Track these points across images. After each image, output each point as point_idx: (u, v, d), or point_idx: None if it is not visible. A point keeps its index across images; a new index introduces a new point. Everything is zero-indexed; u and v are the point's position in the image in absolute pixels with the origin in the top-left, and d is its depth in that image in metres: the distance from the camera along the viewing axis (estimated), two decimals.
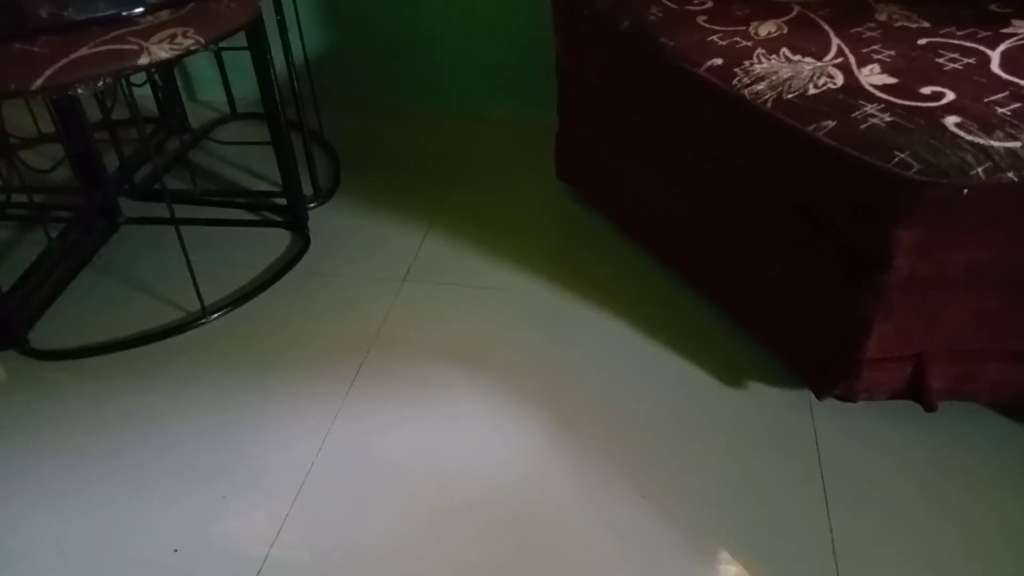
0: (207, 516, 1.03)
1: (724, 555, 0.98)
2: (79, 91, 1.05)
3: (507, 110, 1.87)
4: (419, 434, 1.13)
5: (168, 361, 1.26)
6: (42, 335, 1.32)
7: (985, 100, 0.94)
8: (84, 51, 1.04)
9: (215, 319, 1.34)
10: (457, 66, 1.85)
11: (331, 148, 1.78)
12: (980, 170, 0.87)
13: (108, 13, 1.04)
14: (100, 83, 1.05)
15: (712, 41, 1.13)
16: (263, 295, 1.38)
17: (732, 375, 1.20)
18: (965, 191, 0.87)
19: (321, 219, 1.56)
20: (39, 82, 1.01)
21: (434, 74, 1.87)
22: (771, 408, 1.15)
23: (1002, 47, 1.05)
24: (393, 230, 1.53)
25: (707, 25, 1.17)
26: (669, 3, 1.24)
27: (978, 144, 0.88)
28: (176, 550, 0.99)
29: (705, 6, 1.23)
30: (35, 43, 1.05)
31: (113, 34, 1.07)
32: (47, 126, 1.64)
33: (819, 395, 1.12)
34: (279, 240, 1.51)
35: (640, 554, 0.98)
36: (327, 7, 1.82)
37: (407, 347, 1.27)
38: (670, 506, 1.02)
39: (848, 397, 1.09)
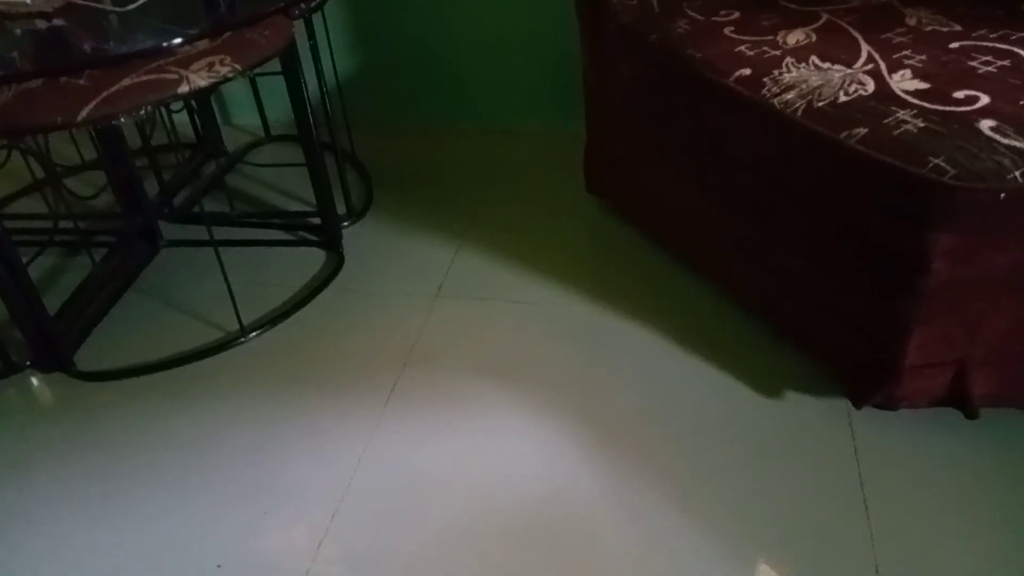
0: (249, 532, 1.05)
1: (763, 567, 0.96)
2: (122, 121, 1.08)
3: (535, 124, 1.88)
4: (455, 448, 1.14)
5: (209, 380, 1.29)
6: (87, 357, 1.36)
7: (1021, 103, 0.93)
8: (126, 82, 1.08)
9: (253, 338, 1.36)
10: (484, 82, 1.87)
11: (363, 167, 1.81)
12: (1017, 173, 0.86)
13: (148, 45, 1.08)
14: (142, 112, 1.08)
15: (740, 52, 1.13)
16: (299, 313, 1.41)
17: (769, 385, 1.19)
18: (1003, 195, 0.86)
19: (355, 237, 1.59)
20: (84, 114, 1.05)
21: (462, 91, 1.89)
22: (809, 418, 1.14)
23: None
24: (425, 246, 1.55)
25: (734, 36, 1.17)
26: (695, 15, 1.25)
27: (1015, 147, 0.87)
28: (219, 566, 1.01)
29: (732, 17, 1.23)
30: (80, 76, 1.08)
31: (153, 64, 1.10)
32: (89, 154, 1.69)
33: (857, 404, 1.10)
34: (314, 259, 1.54)
35: (678, 566, 0.97)
36: (357, 29, 1.85)
37: (442, 362, 1.28)
38: (708, 518, 1.02)
39: (888, 405, 1.07)
